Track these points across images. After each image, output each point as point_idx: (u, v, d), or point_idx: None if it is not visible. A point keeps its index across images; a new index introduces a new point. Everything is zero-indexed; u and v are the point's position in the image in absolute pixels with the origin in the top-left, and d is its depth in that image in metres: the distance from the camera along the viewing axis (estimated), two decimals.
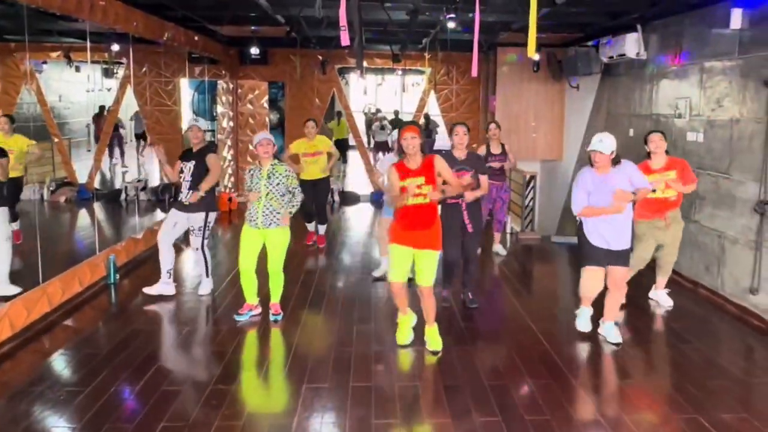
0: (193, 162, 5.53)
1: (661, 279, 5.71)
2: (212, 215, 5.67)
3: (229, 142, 11.29)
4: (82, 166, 10.82)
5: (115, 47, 8.60)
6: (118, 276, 6.12)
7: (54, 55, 10.29)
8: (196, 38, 8.78)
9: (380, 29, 8.43)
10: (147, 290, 5.69)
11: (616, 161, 4.48)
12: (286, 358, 4.47)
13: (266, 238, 5.03)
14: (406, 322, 4.72)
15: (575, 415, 3.73)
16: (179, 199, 5.62)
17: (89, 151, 11.27)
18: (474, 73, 5.10)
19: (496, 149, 7.18)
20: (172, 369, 4.33)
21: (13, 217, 6.96)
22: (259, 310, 5.22)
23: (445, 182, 4.34)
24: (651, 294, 5.80)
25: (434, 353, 4.54)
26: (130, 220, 9.62)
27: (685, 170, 5.31)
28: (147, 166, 12.32)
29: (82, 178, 10.58)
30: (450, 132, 5.50)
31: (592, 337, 5.02)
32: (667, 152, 5.40)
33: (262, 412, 3.81)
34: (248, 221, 5.01)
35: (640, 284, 6.43)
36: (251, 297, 5.18)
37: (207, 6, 7.12)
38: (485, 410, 3.72)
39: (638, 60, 7.49)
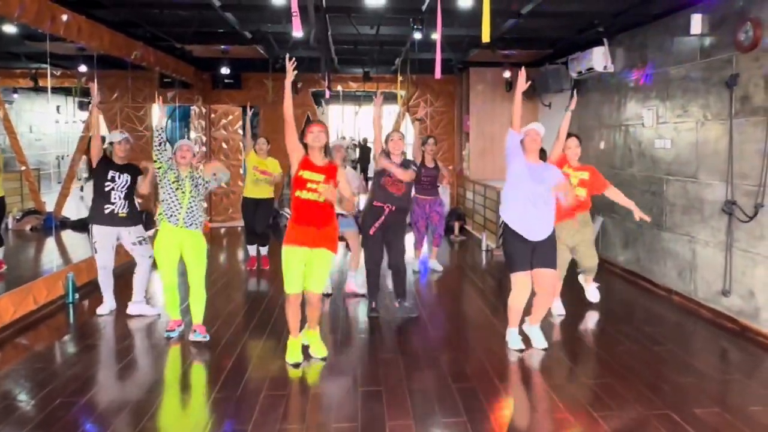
0: (128, 175, 5.35)
1: (589, 277, 5.74)
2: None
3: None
4: (51, 198, 10.59)
5: (82, 68, 8.47)
6: (77, 295, 5.90)
7: (22, 81, 10.18)
8: (166, 60, 8.74)
9: (351, 47, 8.46)
10: (99, 311, 5.48)
11: (543, 157, 4.48)
12: (245, 370, 4.27)
13: (184, 244, 4.76)
14: (297, 344, 4.41)
15: (544, 413, 3.58)
16: (109, 212, 5.30)
17: (59, 183, 11.06)
18: (437, 75, 5.08)
19: (429, 163, 7.14)
20: (121, 382, 4.11)
21: None
22: (182, 325, 4.99)
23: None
24: (581, 279, 5.79)
25: (323, 359, 4.39)
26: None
27: (595, 174, 5.43)
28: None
29: (51, 208, 10.36)
30: (386, 140, 5.39)
31: (564, 342, 4.90)
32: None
33: (216, 420, 3.61)
34: (167, 218, 4.69)
35: (612, 289, 6.39)
36: (176, 313, 4.92)
37: (173, 22, 7.08)
38: (450, 411, 3.56)
39: (606, 73, 7.56)
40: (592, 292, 5.78)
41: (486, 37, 4.24)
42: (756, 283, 4.96)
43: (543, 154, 4.53)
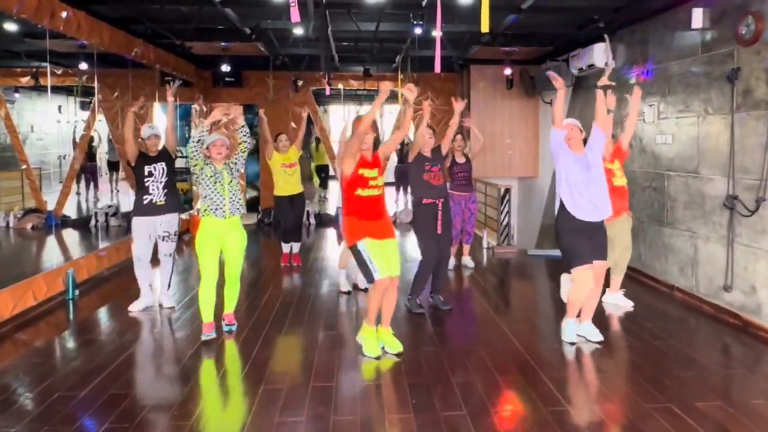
0: (163, 163, 5.39)
1: (617, 278, 5.64)
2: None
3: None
4: (53, 197, 10.60)
5: (83, 66, 8.47)
6: (77, 292, 5.89)
7: (24, 80, 10.19)
8: (167, 57, 8.73)
9: (351, 44, 8.45)
10: (131, 308, 5.46)
11: (585, 141, 4.55)
12: (245, 364, 4.25)
13: (225, 237, 4.68)
14: (374, 333, 4.41)
15: (545, 407, 3.56)
16: (148, 202, 5.33)
17: (60, 182, 11.06)
18: (437, 69, 5.06)
19: (460, 158, 7.08)
20: (121, 375, 4.09)
21: None
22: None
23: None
24: (606, 298, 5.60)
25: (399, 355, 4.35)
26: (97, 244, 9.39)
27: (618, 152, 5.55)
28: (121, 195, 12.10)
29: (52, 207, 10.36)
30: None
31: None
32: None
33: (215, 411, 3.59)
34: (212, 212, 4.58)
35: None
36: (210, 314, 4.70)
37: (173, 19, 7.08)
38: (450, 405, 3.54)
39: (607, 69, 7.52)
40: (624, 300, 5.61)
41: (485, 27, 4.22)
42: (758, 278, 4.93)
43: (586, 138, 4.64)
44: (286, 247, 7.52)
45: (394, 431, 3.23)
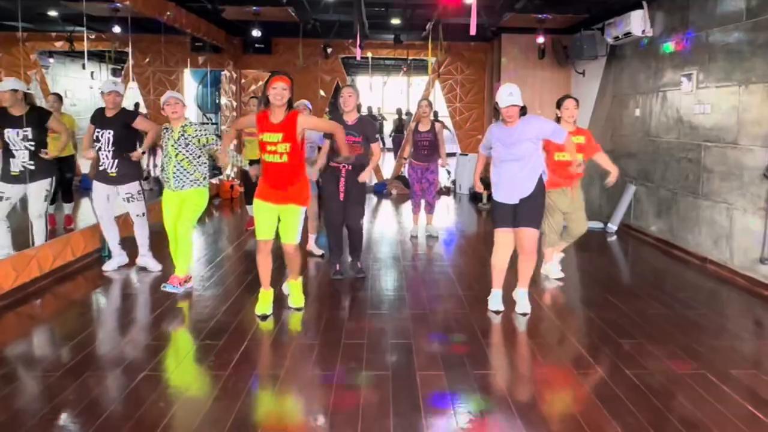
0: (111, 131, 5.21)
1: (562, 246, 5.52)
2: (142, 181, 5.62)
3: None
4: (86, 162, 10.75)
5: (116, 29, 8.53)
6: None
7: (58, 44, 10.30)
8: (198, 23, 8.75)
9: (381, 10, 8.36)
10: (105, 267, 5.51)
11: (522, 112, 4.38)
12: (277, 320, 4.32)
13: (183, 199, 4.93)
14: (268, 296, 4.43)
15: (576, 368, 3.57)
16: (102, 170, 5.34)
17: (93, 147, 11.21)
18: (472, 31, 5.00)
19: (424, 127, 6.93)
20: (157, 327, 4.20)
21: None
22: (192, 282, 5.08)
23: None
24: (542, 269, 5.54)
25: (298, 310, 4.47)
26: None
27: (589, 138, 5.32)
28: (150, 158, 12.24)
29: (85, 170, 10.54)
30: (335, 93, 5.36)
31: (594, 304, 4.86)
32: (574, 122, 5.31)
33: (251, 362, 3.67)
34: (164, 182, 4.98)
35: (643, 257, 6.29)
36: (179, 268, 4.96)
37: None
38: (480, 365, 3.58)
39: (644, 38, 7.36)
40: (556, 269, 5.50)
41: None
42: None
43: (524, 110, 4.42)
44: (250, 210, 7.47)
45: (426, 387, 3.27)
